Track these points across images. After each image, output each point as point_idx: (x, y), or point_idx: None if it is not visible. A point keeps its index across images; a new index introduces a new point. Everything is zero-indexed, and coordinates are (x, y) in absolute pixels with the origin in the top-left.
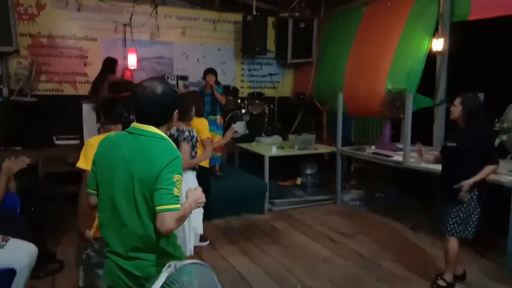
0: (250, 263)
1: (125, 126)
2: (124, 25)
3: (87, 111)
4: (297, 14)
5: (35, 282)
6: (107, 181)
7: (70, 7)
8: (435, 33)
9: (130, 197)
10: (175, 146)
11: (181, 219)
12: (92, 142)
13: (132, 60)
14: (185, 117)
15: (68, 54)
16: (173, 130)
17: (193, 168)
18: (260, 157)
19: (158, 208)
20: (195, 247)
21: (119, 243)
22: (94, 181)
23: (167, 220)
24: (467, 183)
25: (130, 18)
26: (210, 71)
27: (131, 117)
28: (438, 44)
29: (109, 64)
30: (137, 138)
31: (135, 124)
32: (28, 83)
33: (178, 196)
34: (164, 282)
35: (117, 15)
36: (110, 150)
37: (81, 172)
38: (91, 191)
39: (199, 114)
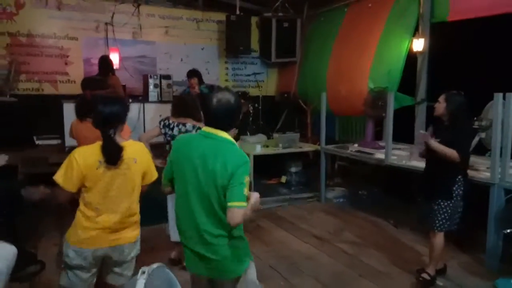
0: None
1: (103, 134)
2: (106, 24)
3: (69, 110)
4: (280, 14)
5: (15, 284)
6: (181, 176)
7: (50, 6)
8: (415, 34)
9: (204, 191)
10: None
11: (245, 215)
12: (77, 156)
13: (114, 60)
14: (200, 117)
15: (48, 53)
16: (189, 126)
17: None
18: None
19: (229, 204)
20: None
21: (193, 231)
22: (169, 174)
23: (235, 215)
24: (431, 140)
25: (112, 17)
26: (193, 74)
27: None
28: (418, 44)
29: (108, 63)
30: (209, 141)
31: (207, 129)
32: (7, 82)
33: (246, 196)
34: None
35: (99, 14)
36: (186, 148)
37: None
38: (165, 181)
39: None
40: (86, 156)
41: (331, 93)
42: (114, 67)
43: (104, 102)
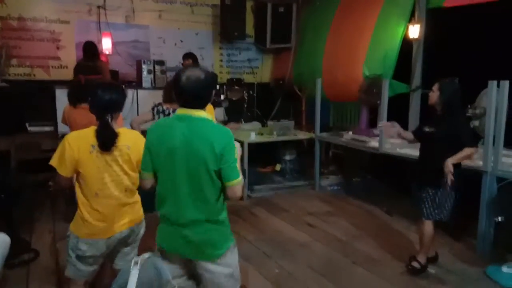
0: None
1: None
2: (98, 7)
3: (62, 96)
4: None
5: (10, 272)
6: (166, 162)
7: None
8: (411, 20)
9: (193, 174)
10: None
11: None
12: (70, 141)
13: (106, 44)
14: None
15: (40, 37)
16: (166, 109)
17: None
18: (239, 143)
19: (229, 183)
20: None
21: (179, 215)
22: (149, 163)
23: (238, 190)
24: (448, 163)
25: (104, 0)
26: (187, 56)
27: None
28: (414, 31)
29: (95, 48)
30: (188, 122)
31: (181, 110)
32: None
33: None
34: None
35: None
36: (165, 134)
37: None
38: (144, 172)
39: None
40: (79, 140)
41: (326, 78)
42: (108, 52)
43: (104, 88)
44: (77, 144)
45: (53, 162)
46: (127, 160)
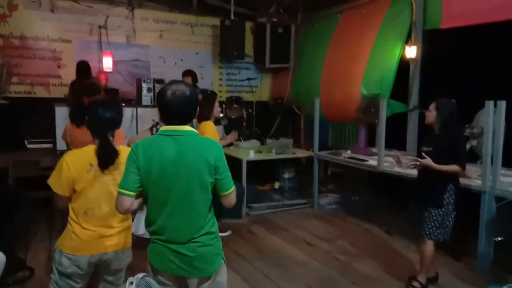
0: (227, 269)
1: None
2: (100, 27)
3: (61, 114)
4: (275, 19)
5: None
6: (158, 180)
7: (44, 8)
8: (408, 41)
9: (187, 189)
10: None
11: None
12: (68, 160)
13: (107, 63)
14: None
15: (41, 55)
16: None
17: None
18: (238, 161)
19: (227, 192)
20: None
21: (173, 232)
22: (135, 183)
23: (232, 198)
24: (433, 164)
25: (106, 20)
26: (187, 73)
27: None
28: (411, 52)
29: (86, 68)
30: (177, 138)
31: (169, 127)
32: None
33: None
34: None
35: (92, 17)
36: (154, 152)
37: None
38: (128, 192)
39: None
40: (77, 159)
41: (324, 98)
42: (108, 71)
43: (103, 106)
44: (74, 163)
45: (50, 181)
46: None
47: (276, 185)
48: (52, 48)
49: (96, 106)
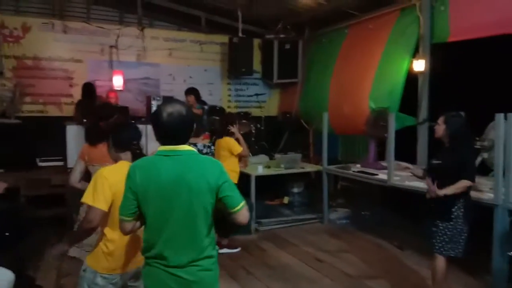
0: (235, 286)
1: (133, 151)
2: (111, 47)
3: (72, 132)
4: (282, 35)
5: None
6: (156, 203)
7: (56, 30)
8: (416, 54)
9: (188, 211)
10: None
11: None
12: (105, 175)
13: (118, 82)
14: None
15: (53, 75)
16: (200, 146)
17: None
18: (247, 177)
19: (237, 207)
20: None
21: (173, 256)
22: (132, 207)
23: (246, 213)
24: (441, 192)
25: (117, 40)
26: (188, 92)
27: (136, 142)
28: (419, 65)
29: (91, 89)
30: (176, 159)
31: (166, 147)
32: (11, 105)
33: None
34: None
35: (104, 37)
36: (152, 174)
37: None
38: (126, 218)
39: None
40: (114, 173)
41: (332, 112)
42: (119, 89)
43: (128, 128)
44: (112, 176)
45: (86, 198)
46: None
47: (286, 200)
48: (64, 68)
49: (121, 127)
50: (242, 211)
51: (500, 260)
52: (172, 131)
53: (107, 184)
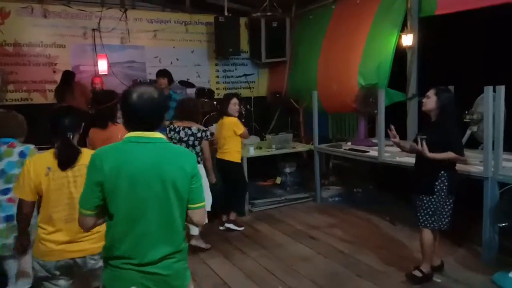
0: (231, 267)
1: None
2: (93, 30)
3: None
4: (269, 13)
5: None
6: (127, 194)
7: (36, 14)
8: (404, 29)
9: (163, 202)
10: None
11: None
12: (28, 165)
13: (102, 66)
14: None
15: (36, 62)
16: (194, 130)
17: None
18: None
19: (196, 205)
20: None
21: (145, 252)
22: (96, 200)
23: (203, 214)
24: (428, 153)
25: (99, 23)
26: (160, 74)
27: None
28: (407, 40)
29: (70, 76)
30: (148, 146)
31: (137, 133)
32: None
33: None
34: None
35: (85, 21)
36: (123, 163)
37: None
38: (88, 211)
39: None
40: (36, 163)
41: (322, 90)
42: (103, 73)
43: (62, 112)
44: (33, 167)
45: (14, 187)
46: None
47: (278, 180)
48: (46, 54)
49: (56, 112)
50: (201, 210)
51: (490, 231)
52: (142, 115)
53: (27, 174)
